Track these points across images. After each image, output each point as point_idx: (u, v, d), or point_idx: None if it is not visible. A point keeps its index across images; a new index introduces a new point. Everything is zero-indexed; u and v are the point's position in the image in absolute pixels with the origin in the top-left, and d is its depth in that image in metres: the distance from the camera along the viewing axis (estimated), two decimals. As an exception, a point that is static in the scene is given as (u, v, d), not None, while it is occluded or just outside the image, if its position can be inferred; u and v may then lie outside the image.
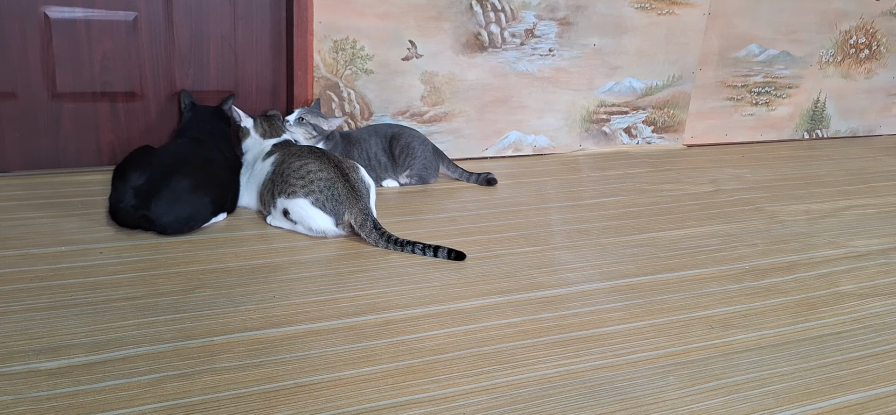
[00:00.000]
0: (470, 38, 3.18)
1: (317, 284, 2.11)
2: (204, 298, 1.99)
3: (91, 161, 2.84)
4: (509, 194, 2.97)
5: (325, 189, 2.36)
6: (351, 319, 1.94)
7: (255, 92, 3.00)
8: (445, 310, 2.02)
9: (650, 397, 1.70)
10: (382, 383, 1.68)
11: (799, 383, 1.80)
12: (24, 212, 2.44)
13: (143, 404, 1.55)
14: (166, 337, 1.79)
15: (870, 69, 4.20)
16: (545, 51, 3.34)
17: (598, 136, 3.62)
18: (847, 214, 3.01)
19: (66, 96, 2.73)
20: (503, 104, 3.35)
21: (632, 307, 2.12)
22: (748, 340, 1.99)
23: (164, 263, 2.17)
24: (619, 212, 2.87)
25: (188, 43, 2.84)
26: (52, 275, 2.05)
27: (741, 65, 3.82)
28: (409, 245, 2.34)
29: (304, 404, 1.59)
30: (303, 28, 2.87)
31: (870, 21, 4.05)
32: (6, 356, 1.67)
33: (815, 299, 2.25)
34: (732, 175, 3.44)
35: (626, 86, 3.58)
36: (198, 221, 2.38)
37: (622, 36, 3.46)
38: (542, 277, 2.26)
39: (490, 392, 1.68)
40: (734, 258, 2.50)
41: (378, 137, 2.91)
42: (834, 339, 2.02)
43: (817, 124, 4.22)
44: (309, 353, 1.78)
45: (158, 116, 2.87)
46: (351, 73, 3.03)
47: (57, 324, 1.81)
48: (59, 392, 1.57)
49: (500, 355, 1.82)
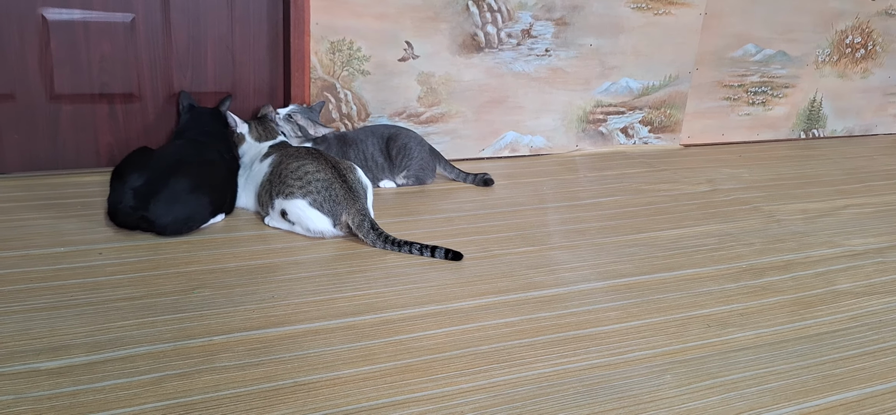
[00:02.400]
0: (466, 38, 3.19)
1: (315, 284, 2.12)
2: (203, 298, 1.99)
3: (90, 162, 2.85)
4: (506, 195, 2.98)
5: (323, 190, 2.36)
6: (349, 318, 1.95)
7: (253, 93, 3.01)
8: (443, 310, 2.03)
9: (647, 395, 1.71)
10: (380, 382, 1.69)
11: (795, 381, 1.81)
12: (23, 213, 2.44)
13: (143, 403, 1.56)
14: (166, 337, 1.80)
15: (866, 69, 4.21)
16: (542, 51, 3.35)
17: (595, 136, 3.63)
18: (844, 214, 3.02)
19: (64, 98, 2.74)
20: (500, 105, 3.36)
21: (628, 306, 2.13)
22: (745, 338, 1.99)
23: (164, 263, 2.18)
24: (616, 212, 2.88)
25: (186, 44, 2.84)
26: (51, 275, 2.06)
27: (738, 65, 3.84)
28: (406, 245, 2.35)
29: (303, 403, 1.60)
30: (300, 29, 2.88)
31: (866, 20, 4.07)
32: (7, 356, 1.68)
33: (812, 298, 2.26)
34: (729, 175, 3.45)
35: (622, 86, 3.59)
36: (196, 222, 2.39)
37: (619, 36, 3.47)
38: (539, 277, 2.27)
39: (487, 391, 1.68)
40: (731, 257, 2.51)
41: (375, 138, 2.92)
42: (830, 337, 2.03)
43: (814, 124, 4.23)
44: (307, 352, 1.78)
45: (156, 117, 2.88)
46: (348, 74, 3.03)
47: (57, 324, 1.82)
48: (60, 392, 1.58)
49: (497, 355, 1.83)
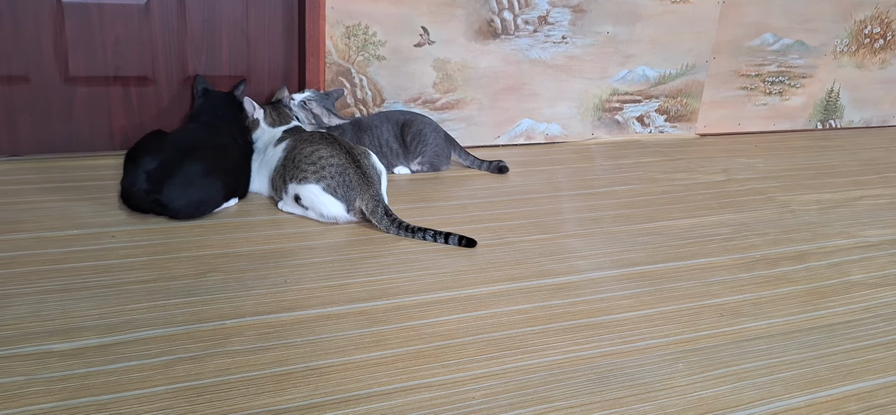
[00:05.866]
0: (483, 24, 3.17)
1: (328, 269, 2.12)
2: (215, 282, 2.00)
3: (103, 145, 2.86)
4: (521, 182, 2.97)
5: (337, 175, 2.36)
6: (361, 304, 1.95)
7: (267, 78, 3.01)
8: (456, 296, 2.03)
9: (659, 383, 1.70)
10: (392, 368, 1.69)
11: (808, 371, 1.80)
12: (36, 195, 2.45)
13: (154, 385, 1.56)
14: (178, 320, 1.81)
15: (884, 59, 4.17)
16: (558, 38, 3.33)
17: (611, 124, 3.61)
18: (859, 204, 3.00)
19: (78, 80, 2.74)
20: (515, 92, 3.35)
21: (642, 295, 2.12)
22: (758, 328, 1.98)
23: (176, 247, 2.18)
24: (631, 200, 2.86)
25: (200, 28, 2.84)
26: (64, 258, 2.06)
27: (755, 54, 3.80)
28: (419, 232, 2.34)
29: (315, 387, 1.60)
30: (315, 13, 2.87)
31: (885, 11, 4.02)
32: (19, 337, 1.69)
33: (826, 289, 2.24)
34: (745, 165, 3.43)
35: (639, 74, 3.56)
36: (210, 206, 2.39)
37: (636, 24, 3.45)
38: (553, 265, 2.26)
39: (499, 377, 1.68)
40: (745, 247, 2.49)
41: (390, 124, 2.91)
42: (843, 328, 2.02)
43: (831, 114, 4.19)
44: (319, 337, 1.79)
45: (171, 100, 2.88)
46: (363, 60, 3.03)
47: (70, 306, 1.83)
48: (72, 374, 1.58)
49: (510, 341, 1.83)
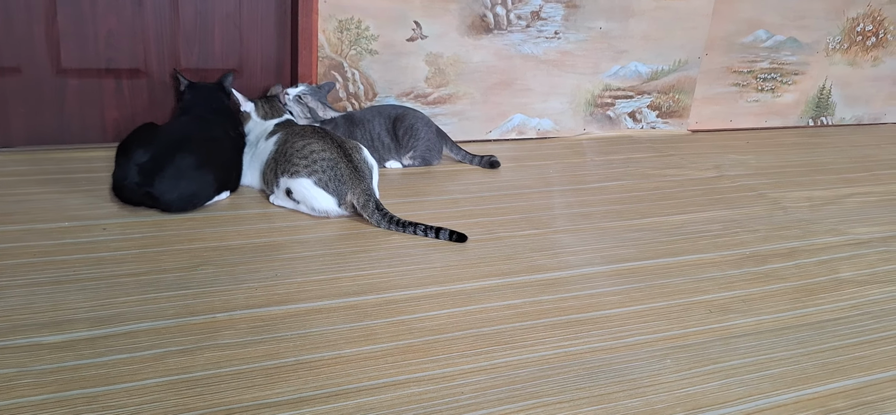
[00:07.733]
0: (475, 19, 3.17)
1: (319, 263, 2.13)
2: (207, 276, 2.00)
3: (95, 137, 2.85)
4: (512, 177, 2.97)
5: (328, 169, 2.36)
6: (352, 298, 1.96)
7: (260, 71, 3.00)
8: (446, 291, 2.03)
9: (647, 379, 1.71)
10: (382, 362, 1.70)
11: (796, 367, 1.81)
12: (28, 187, 2.45)
13: (145, 378, 1.57)
14: (169, 313, 1.81)
15: (876, 57, 4.18)
16: (551, 33, 3.33)
17: (603, 120, 3.62)
18: (849, 202, 3.01)
19: (70, 72, 2.74)
20: (508, 87, 3.35)
21: (631, 291, 2.13)
22: (747, 324, 1.99)
23: (168, 240, 2.18)
24: (622, 196, 2.87)
25: (193, 20, 2.84)
26: (55, 250, 2.06)
27: (748, 51, 3.81)
28: (411, 226, 2.35)
29: (305, 381, 1.60)
30: (308, 7, 2.87)
31: (877, 8, 4.03)
32: (10, 329, 1.69)
33: (815, 286, 2.26)
34: (736, 161, 3.44)
35: (631, 70, 3.57)
36: (201, 199, 2.39)
37: (629, 19, 3.45)
38: (543, 260, 2.27)
39: (488, 372, 1.69)
40: (735, 244, 2.51)
41: (382, 118, 2.91)
42: (832, 325, 2.03)
43: (822, 111, 4.21)
44: (310, 331, 1.79)
45: (163, 93, 2.88)
46: (356, 54, 3.03)
47: (60, 298, 1.83)
48: (62, 366, 1.59)
49: (500, 336, 1.83)
